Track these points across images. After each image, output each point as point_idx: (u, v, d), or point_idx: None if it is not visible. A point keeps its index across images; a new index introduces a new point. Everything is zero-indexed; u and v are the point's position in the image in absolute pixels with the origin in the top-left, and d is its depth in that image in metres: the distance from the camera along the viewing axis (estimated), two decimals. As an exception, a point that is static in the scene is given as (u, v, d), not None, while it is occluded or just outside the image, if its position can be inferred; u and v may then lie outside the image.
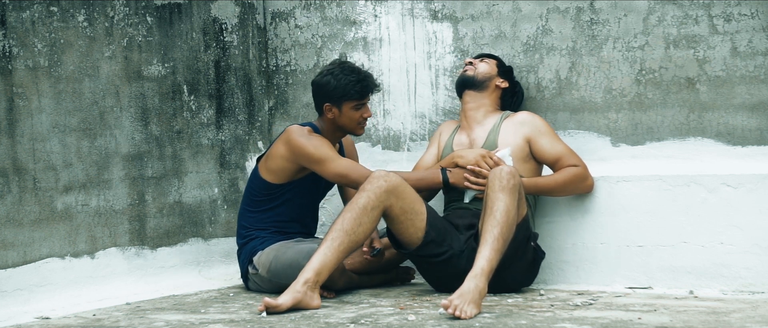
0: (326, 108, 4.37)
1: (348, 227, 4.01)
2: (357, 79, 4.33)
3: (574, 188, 4.35)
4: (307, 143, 4.30)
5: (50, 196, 4.33)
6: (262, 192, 4.45)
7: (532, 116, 4.43)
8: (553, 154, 4.35)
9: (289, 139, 4.34)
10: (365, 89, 4.35)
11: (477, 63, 4.54)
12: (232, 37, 5.04)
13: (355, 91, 4.32)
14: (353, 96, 4.33)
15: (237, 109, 5.06)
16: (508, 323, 3.60)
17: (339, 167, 4.28)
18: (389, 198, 4.07)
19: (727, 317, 3.66)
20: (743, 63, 4.24)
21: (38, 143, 4.30)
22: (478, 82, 4.50)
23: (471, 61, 4.55)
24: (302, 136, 4.32)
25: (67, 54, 4.40)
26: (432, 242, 4.16)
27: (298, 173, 4.41)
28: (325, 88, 4.35)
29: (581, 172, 4.33)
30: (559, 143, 4.37)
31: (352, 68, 4.36)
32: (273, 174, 4.41)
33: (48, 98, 4.33)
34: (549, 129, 4.39)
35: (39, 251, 4.29)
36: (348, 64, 4.39)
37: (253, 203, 4.48)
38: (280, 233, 4.44)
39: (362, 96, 4.35)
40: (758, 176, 4.13)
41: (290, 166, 4.38)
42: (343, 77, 4.32)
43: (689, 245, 4.24)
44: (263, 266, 4.34)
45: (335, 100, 4.34)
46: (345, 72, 4.34)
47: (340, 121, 4.38)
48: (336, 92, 4.32)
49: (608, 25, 4.46)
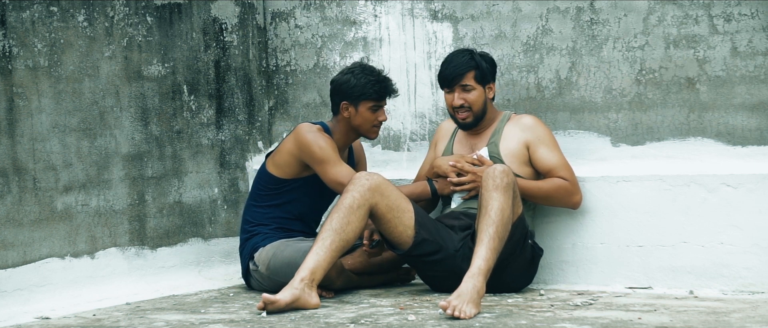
0: (343, 107, 4.40)
1: (337, 227, 4.03)
2: (377, 80, 4.38)
3: (558, 200, 4.33)
4: (313, 141, 4.33)
5: (50, 196, 4.33)
6: (267, 186, 4.48)
7: (536, 123, 4.39)
8: (547, 164, 4.33)
9: (297, 134, 4.38)
10: (384, 91, 4.39)
11: (467, 98, 4.34)
12: (232, 37, 5.04)
13: (373, 91, 4.36)
14: (371, 96, 4.37)
15: (237, 109, 5.06)
16: (508, 323, 3.60)
17: (338, 173, 4.29)
18: (374, 196, 4.09)
19: (727, 317, 3.66)
20: (743, 63, 4.24)
21: (38, 143, 4.30)
22: (479, 118, 4.41)
23: (461, 104, 4.34)
24: (310, 133, 4.36)
25: (67, 54, 4.40)
26: (424, 242, 4.16)
27: (303, 171, 4.43)
28: (344, 85, 4.39)
29: (568, 186, 4.31)
30: (555, 155, 4.34)
31: (372, 70, 4.42)
32: (279, 168, 4.45)
33: (48, 98, 4.33)
34: (550, 139, 4.37)
35: (39, 251, 4.29)
36: (369, 66, 4.46)
37: (259, 198, 4.51)
38: (282, 229, 4.46)
39: (380, 97, 4.39)
40: (758, 176, 4.13)
41: (295, 161, 4.41)
42: (362, 76, 4.37)
43: (689, 245, 4.24)
44: (263, 262, 4.36)
45: (353, 99, 4.38)
46: (365, 72, 4.39)
47: (355, 121, 4.40)
48: (355, 91, 4.36)
49: (608, 25, 4.46)
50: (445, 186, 4.38)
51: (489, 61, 4.40)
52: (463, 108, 4.36)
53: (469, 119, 4.38)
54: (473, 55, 4.37)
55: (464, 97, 4.35)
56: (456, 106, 4.36)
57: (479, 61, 4.36)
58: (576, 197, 4.33)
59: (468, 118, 4.38)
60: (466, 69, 4.34)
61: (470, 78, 4.35)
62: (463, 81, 4.34)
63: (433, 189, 4.39)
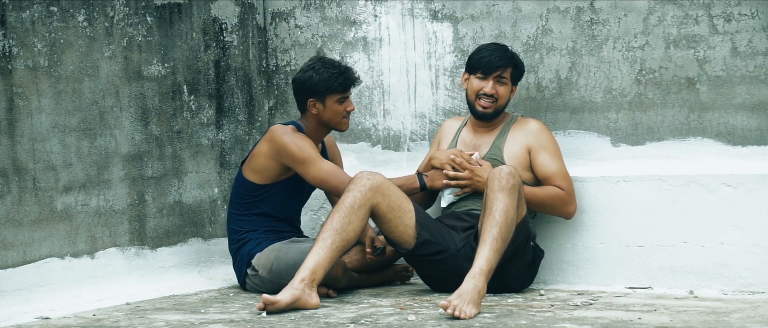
0: (310, 104, 4.38)
1: (338, 227, 4.02)
2: (339, 72, 4.36)
3: (552, 208, 4.33)
4: (290, 142, 4.31)
5: (50, 196, 4.33)
6: (248, 194, 4.45)
7: (541, 129, 4.39)
8: (546, 171, 4.33)
9: (272, 137, 4.35)
10: (347, 81, 4.38)
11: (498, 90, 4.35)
12: (232, 37, 5.04)
13: (338, 84, 4.35)
14: (337, 89, 4.35)
15: (237, 109, 5.06)
16: (508, 323, 3.60)
17: (321, 171, 4.28)
18: (375, 196, 4.09)
19: (727, 317, 3.66)
20: (743, 63, 4.24)
21: (38, 143, 4.30)
22: (499, 113, 4.42)
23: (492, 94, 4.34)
24: (286, 135, 4.33)
25: (67, 54, 4.40)
26: (426, 243, 4.16)
27: (282, 174, 4.41)
28: (307, 83, 4.37)
29: (563, 196, 4.31)
30: (555, 163, 4.34)
31: (332, 62, 4.40)
32: (257, 174, 4.42)
33: (48, 98, 4.33)
34: (553, 146, 4.37)
35: (39, 251, 4.29)
36: (327, 59, 4.44)
37: (241, 206, 4.48)
38: (272, 232, 4.45)
39: (345, 88, 4.37)
40: (758, 176, 4.13)
41: (274, 165, 4.38)
42: (324, 71, 4.35)
43: (689, 245, 4.24)
44: (264, 267, 4.34)
45: (319, 95, 4.36)
46: (326, 66, 4.37)
47: (325, 116, 4.39)
48: (319, 86, 4.34)
49: (608, 25, 4.46)
50: (438, 178, 4.35)
51: (522, 66, 4.45)
52: (492, 98, 4.37)
53: (491, 110, 4.38)
54: (514, 55, 4.42)
55: (497, 88, 4.37)
56: (487, 94, 4.36)
57: (518, 60, 4.42)
58: (570, 207, 4.33)
59: (490, 109, 4.38)
60: (509, 63, 4.38)
61: (508, 72, 4.38)
62: (503, 73, 4.36)
63: (422, 183, 4.36)
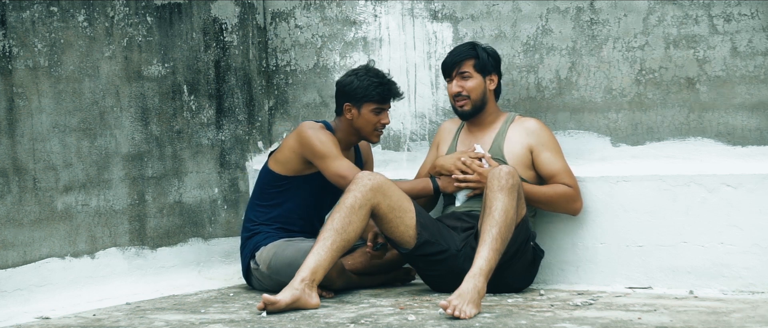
0: (346, 108, 4.43)
1: (338, 227, 4.03)
2: (380, 82, 4.41)
3: (560, 206, 4.34)
4: (313, 136, 4.36)
5: (50, 196, 4.33)
6: (270, 184, 4.51)
7: (540, 127, 4.40)
8: (550, 170, 4.34)
9: (299, 131, 4.42)
10: (387, 93, 4.42)
11: (464, 86, 4.38)
12: (232, 37, 5.04)
13: (376, 94, 4.39)
14: (374, 98, 4.39)
15: (237, 109, 5.06)
16: (508, 323, 3.60)
17: (340, 167, 4.31)
18: (375, 196, 4.09)
19: (727, 317, 3.66)
20: (743, 63, 4.24)
21: (38, 143, 4.30)
22: (478, 108, 4.44)
23: (459, 92, 4.38)
24: (311, 129, 4.39)
25: (67, 54, 4.40)
26: (426, 243, 4.16)
27: (305, 168, 4.45)
28: (347, 87, 4.43)
29: (571, 193, 4.32)
30: (558, 160, 4.35)
31: (377, 72, 4.45)
32: (281, 165, 4.47)
33: (48, 98, 4.33)
34: (554, 144, 4.37)
35: (39, 251, 4.29)
36: (374, 68, 4.49)
37: (262, 196, 4.53)
38: (283, 229, 4.48)
39: (383, 100, 4.42)
40: (758, 176, 4.13)
41: (297, 158, 4.43)
42: (366, 78, 4.41)
43: (689, 245, 4.24)
44: (264, 262, 4.38)
45: (356, 101, 4.40)
46: (369, 74, 4.43)
47: (358, 123, 4.42)
48: (357, 92, 4.39)
49: (608, 25, 4.46)
50: (448, 183, 4.37)
51: (491, 52, 4.42)
52: (461, 96, 4.38)
53: (467, 107, 4.39)
54: (474, 46, 4.41)
55: (462, 85, 4.38)
56: (454, 94, 4.39)
57: (479, 51, 4.39)
58: (577, 203, 4.34)
59: (466, 106, 4.39)
60: (465, 57, 4.38)
61: (469, 66, 4.38)
62: (461, 68, 4.37)
63: (435, 186, 4.38)
